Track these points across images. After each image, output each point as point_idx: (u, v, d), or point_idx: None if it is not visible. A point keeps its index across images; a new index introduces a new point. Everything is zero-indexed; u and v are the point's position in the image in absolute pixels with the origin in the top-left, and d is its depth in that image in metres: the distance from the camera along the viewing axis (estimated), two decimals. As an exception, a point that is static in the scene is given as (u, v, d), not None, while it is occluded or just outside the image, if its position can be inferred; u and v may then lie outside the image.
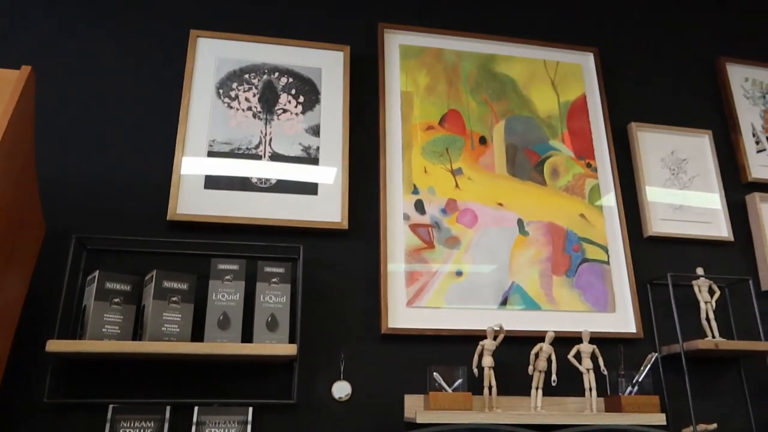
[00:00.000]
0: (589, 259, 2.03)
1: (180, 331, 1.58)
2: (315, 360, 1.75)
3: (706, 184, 2.27)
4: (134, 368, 1.65)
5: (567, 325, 1.92)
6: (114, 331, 1.56)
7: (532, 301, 1.93)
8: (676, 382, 1.94)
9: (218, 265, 1.67)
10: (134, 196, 1.81)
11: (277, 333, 1.63)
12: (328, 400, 1.72)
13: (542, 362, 1.78)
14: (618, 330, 1.96)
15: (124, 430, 1.56)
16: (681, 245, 2.16)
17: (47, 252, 1.70)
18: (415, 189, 1.98)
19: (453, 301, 1.88)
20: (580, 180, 2.13)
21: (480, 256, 1.94)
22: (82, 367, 1.63)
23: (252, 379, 1.70)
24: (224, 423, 1.61)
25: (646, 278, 2.06)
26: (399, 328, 1.80)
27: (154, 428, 1.57)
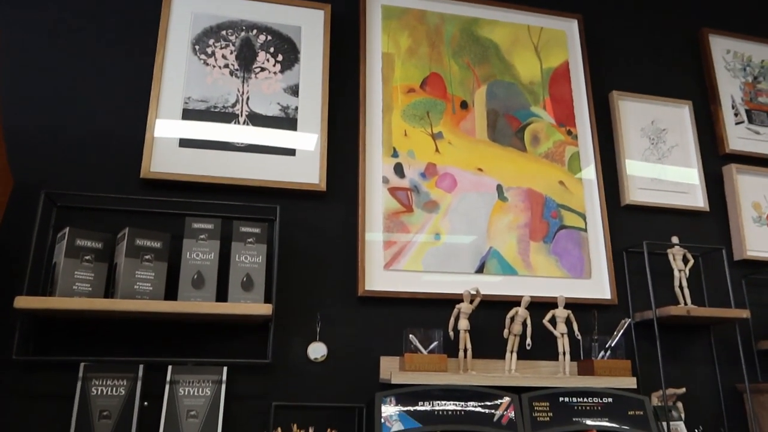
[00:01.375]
0: (567, 226, 2.03)
1: (153, 290, 1.56)
2: (291, 321, 1.74)
3: (684, 155, 2.28)
4: (106, 327, 1.63)
5: (543, 290, 1.93)
6: (85, 289, 1.53)
7: (509, 267, 1.93)
8: (648, 348, 1.97)
9: (193, 224, 1.64)
10: (106, 154, 1.77)
11: (252, 293, 1.61)
12: (303, 361, 1.72)
13: (517, 326, 1.79)
14: (593, 296, 1.97)
15: (96, 388, 1.54)
16: (657, 214, 2.17)
17: (16, 208, 1.66)
18: (395, 152, 1.96)
19: (430, 265, 1.87)
20: (561, 147, 2.12)
21: (458, 221, 1.94)
22: (53, 326, 1.60)
23: (227, 339, 1.69)
24: (199, 382, 1.60)
25: (622, 246, 2.08)
26: (376, 290, 1.80)
27: (127, 387, 1.56)
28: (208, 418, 1.57)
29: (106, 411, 1.53)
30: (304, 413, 1.66)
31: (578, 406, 1.67)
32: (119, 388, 1.55)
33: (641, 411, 1.71)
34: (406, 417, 1.54)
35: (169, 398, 1.57)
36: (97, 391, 1.54)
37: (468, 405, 1.59)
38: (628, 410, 1.70)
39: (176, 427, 1.54)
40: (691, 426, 1.89)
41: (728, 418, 1.98)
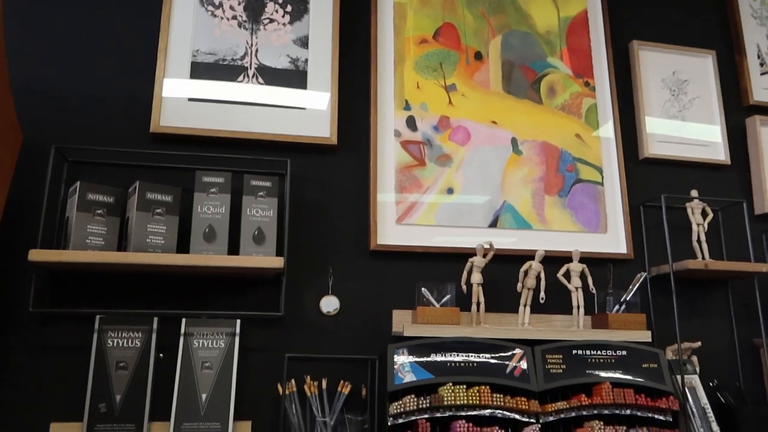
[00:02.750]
0: (583, 180, 1.99)
1: (165, 243, 1.56)
2: (303, 275, 1.74)
3: (706, 107, 2.21)
4: (120, 281, 1.64)
5: (557, 244, 1.91)
6: (98, 243, 1.54)
7: (523, 221, 1.91)
8: (663, 303, 1.95)
9: (203, 177, 1.63)
10: (115, 109, 1.75)
11: (263, 246, 1.61)
12: (316, 315, 1.72)
13: (531, 280, 1.77)
14: (608, 250, 1.95)
15: (112, 340, 1.56)
16: (677, 168, 2.12)
17: (27, 163, 1.65)
18: (407, 105, 1.92)
19: (443, 219, 1.85)
20: (578, 99, 2.07)
21: (472, 175, 1.91)
22: (68, 280, 1.61)
23: (239, 292, 1.69)
24: (212, 335, 1.61)
25: (639, 200, 2.04)
26: (388, 244, 1.79)
27: (142, 339, 1.58)
28: (223, 370, 1.59)
29: (123, 362, 1.55)
30: (317, 365, 1.67)
31: (592, 358, 1.66)
32: (135, 340, 1.57)
33: (655, 364, 1.69)
34: (419, 368, 1.55)
35: (184, 350, 1.59)
36: (113, 342, 1.56)
37: (480, 357, 1.59)
38: (642, 363, 1.69)
39: (191, 377, 1.56)
40: (706, 380, 1.88)
41: (743, 373, 1.96)
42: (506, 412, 1.54)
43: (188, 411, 1.54)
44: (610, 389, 1.60)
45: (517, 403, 1.53)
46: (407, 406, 1.49)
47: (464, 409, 1.52)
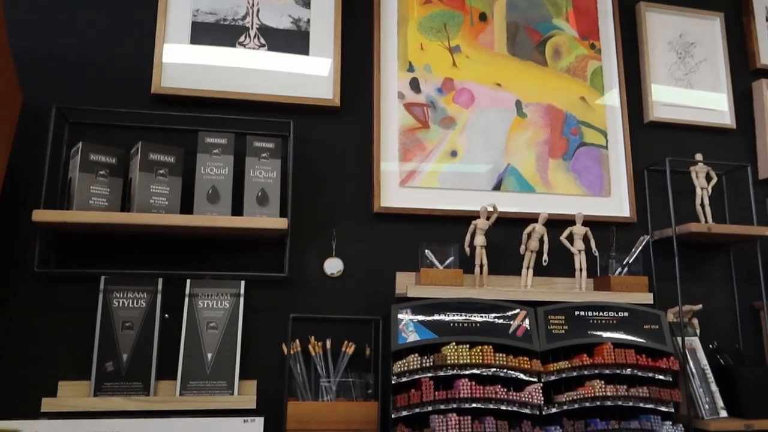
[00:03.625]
0: (587, 144, 1.98)
1: (168, 204, 1.56)
2: (306, 237, 1.74)
3: (712, 70, 2.19)
4: (125, 242, 1.64)
5: (561, 208, 1.90)
6: (101, 204, 1.54)
7: (526, 184, 1.90)
8: (665, 266, 1.95)
9: (206, 138, 1.62)
10: (115, 70, 1.73)
11: (267, 208, 1.61)
12: (319, 276, 1.73)
13: (534, 242, 1.78)
14: (612, 214, 1.95)
15: (118, 300, 1.57)
16: (682, 132, 2.11)
17: (28, 125, 1.64)
18: (411, 66, 1.90)
19: (447, 182, 1.85)
20: (583, 61, 2.04)
21: (476, 138, 1.89)
22: (72, 241, 1.62)
23: (243, 254, 1.70)
24: (217, 295, 1.62)
25: (643, 164, 2.03)
26: (391, 207, 1.79)
27: (148, 299, 1.59)
28: (228, 330, 1.60)
29: (129, 322, 1.56)
30: (321, 326, 1.69)
31: (594, 319, 1.68)
32: (140, 301, 1.58)
33: (657, 325, 1.71)
34: (422, 328, 1.56)
35: (189, 310, 1.60)
36: (119, 303, 1.57)
37: (483, 317, 1.60)
38: (644, 324, 1.70)
39: (197, 337, 1.58)
40: (706, 342, 1.90)
41: (743, 336, 1.98)
42: (509, 371, 1.56)
43: (194, 370, 1.55)
44: (612, 349, 1.61)
45: (519, 363, 1.55)
46: (411, 364, 1.50)
47: (467, 368, 1.54)
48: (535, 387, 1.55)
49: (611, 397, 1.59)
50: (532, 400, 1.53)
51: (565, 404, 1.58)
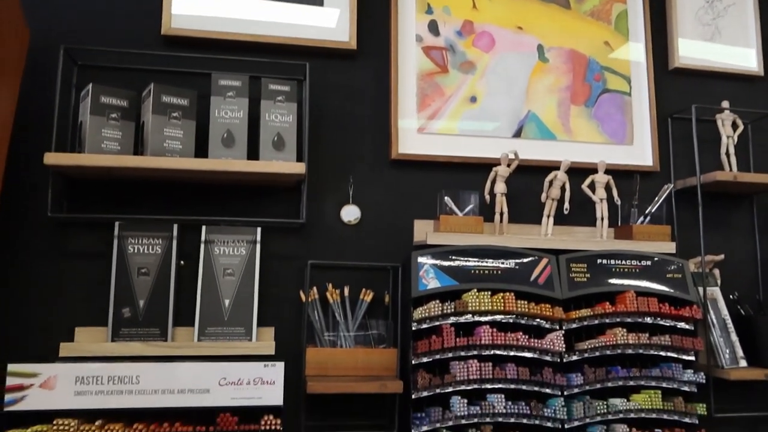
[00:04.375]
0: (610, 90, 1.92)
1: (183, 148, 1.52)
2: (323, 184, 1.70)
3: (741, 15, 2.10)
4: (138, 188, 1.61)
5: (582, 156, 1.85)
6: (113, 147, 1.50)
7: (547, 131, 1.85)
8: (688, 216, 1.91)
9: (219, 80, 1.56)
10: (124, 9, 1.67)
11: (284, 152, 1.57)
12: (337, 224, 1.70)
13: (555, 190, 1.74)
14: (634, 162, 1.90)
15: (133, 246, 1.55)
16: (707, 79, 2.04)
17: (36, 68, 1.59)
18: (429, 8, 1.82)
19: (466, 128, 1.79)
20: (607, 5, 1.96)
21: (496, 83, 1.83)
22: (84, 187, 1.58)
23: (259, 201, 1.66)
24: (233, 242, 1.59)
25: (667, 112, 1.97)
26: (409, 154, 1.74)
27: (163, 246, 1.56)
28: (245, 277, 1.58)
29: (144, 268, 1.54)
30: (338, 274, 1.66)
31: (616, 268, 1.65)
32: (155, 247, 1.56)
33: (680, 274, 1.68)
34: (443, 274, 1.53)
35: (205, 257, 1.57)
36: (134, 249, 1.54)
37: (505, 264, 1.58)
38: (667, 273, 1.67)
39: (214, 284, 1.56)
40: (727, 292, 1.87)
41: (764, 286, 1.95)
42: (530, 319, 1.54)
43: (212, 316, 1.54)
44: (634, 297, 1.59)
45: (541, 310, 1.52)
46: (432, 311, 1.48)
47: (488, 314, 1.52)
48: (557, 334, 1.53)
49: (633, 345, 1.58)
50: (553, 347, 1.51)
51: (586, 352, 1.56)
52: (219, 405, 1.34)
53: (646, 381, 1.59)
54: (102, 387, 1.31)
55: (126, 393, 1.31)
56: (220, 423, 1.33)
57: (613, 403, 1.55)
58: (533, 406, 1.49)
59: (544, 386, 1.52)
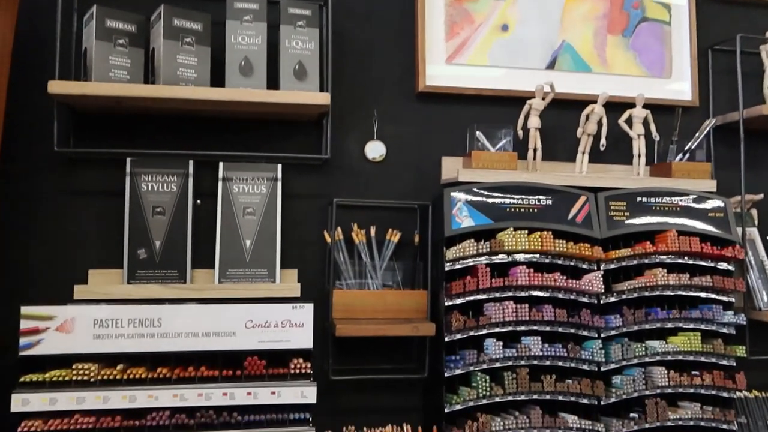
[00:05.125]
0: (649, 19, 1.79)
1: (197, 77, 1.40)
2: (346, 118, 1.59)
3: (787, -62, 1.95)
4: (150, 122, 1.50)
5: (618, 89, 1.74)
6: (122, 76, 1.38)
7: (582, 63, 1.73)
8: (726, 154, 1.82)
9: (235, 3, 1.43)
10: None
11: (305, 82, 1.45)
12: (360, 161, 1.60)
13: (592, 125, 1.63)
14: (672, 97, 1.79)
15: (147, 184, 1.45)
16: (751, 8, 1.91)
17: (32, -10, 1.45)
18: (458, -74, 1.68)
19: (497, 58, 1.68)
20: (648, -76, 1.81)
21: (529, 10, 1.70)
22: (92, 121, 1.47)
23: (278, 136, 1.56)
24: (252, 180, 1.50)
25: (708, 43, 1.85)
26: (437, 86, 1.63)
27: (178, 183, 1.47)
28: (266, 216, 1.49)
29: (159, 207, 1.45)
30: (363, 214, 1.58)
31: (656, 206, 1.56)
32: (170, 185, 1.46)
33: (721, 213, 1.60)
34: (477, 212, 1.45)
35: (224, 195, 1.48)
36: (148, 187, 1.45)
37: (542, 202, 1.49)
38: (708, 212, 1.59)
39: (234, 223, 1.47)
40: (765, 233, 1.80)
41: (801, 227, 1.88)
42: (567, 259, 1.46)
43: (233, 257, 1.46)
44: (676, 237, 1.51)
45: (579, 250, 1.45)
46: (466, 250, 1.41)
47: (524, 254, 1.44)
48: (595, 275, 1.46)
49: (673, 286, 1.51)
50: (591, 288, 1.44)
51: (625, 293, 1.49)
52: (246, 348, 1.27)
53: (685, 323, 1.53)
54: (122, 330, 1.24)
55: (148, 336, 1.25)
56: (247, 367, 1.27)
57: (652, 345, 1.49)
58: (570, 348, 1.43)
59: (581, 328, 1.46)
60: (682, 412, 1.50)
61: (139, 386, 1.22)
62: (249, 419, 1.25)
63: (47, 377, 1.20)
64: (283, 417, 1.27)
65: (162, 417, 1.22)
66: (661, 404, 1.48)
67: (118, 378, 1.23)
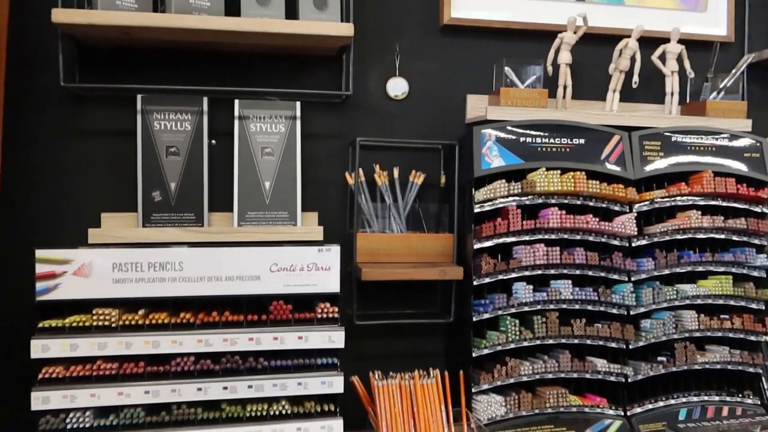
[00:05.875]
0: (686, -54, 1.68)
1: (211, 5, 1.31)
2: (366, 54, 1.50)
3: None
4: (160, 56, 1.41)
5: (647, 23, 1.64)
6: (130, 5, 1.28)
7: (615, -6, 1.63)
8: (760, 92, 1.75)
9: (248, -76, 1.32)
10: None
11: (326, 12, 1.36)
12: (382, 99, 1.52)
13: (625, 61, 1.55)
14: (706, 32, 1.70)
15: (159, 123, 1.37)
16: (791, -65, 1.80)
17: None
18: None
19: (525, -11, 1.58)
20: None
21: (560, -64, 1.59)
22: (99, 56, 1.38)
23: (297, 72, 1.48)
24: (270, 118, 1.42)
25: (745, -27, 1.75)
26: (462, 18, 1.53)
27: (192, 122, 1.39)
28: (285, 156, 1.42)
29: (174, 147, 1.38)
30: (385, 154, 1.51)
31: (691, 146, 1.50)
32: (184, 123, 1.39)
33: (757, 153, 1.54)
34: (508, 152, 1.38)
35: (240, 135, 1.41)
36: (161, 125, 1.37)
37: (574, 141, 1.42)
38: (744, 152, 1.53)
39: (252, 164, 1.40)
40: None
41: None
42: (598, 201, 1.41)
43: (252, 200, 1.40)
44: (712, 178, 1.45)
45: (613, 191, 1.39)
46: (497, 191, 1.35)
47: (556, 196, 1.39)
48: (628, 217, 1.41)
49: (706, 228, 1.46)
50: (624, 230, 1.40)
51: (657, 235, 1.45)
52: (271, 293, 1.23)
53: (716, 266, 1.49)
54: (142, 274, 1.19)
55: (169, 281, 1.19)
56: (273, 311, 1.22)
57: (683, 288, 1.46)
58: (601, 292, 1.39)
59: (611, 272, 1.42)
60: (710, 356, 1.48)
61: (161, 332, 1.18)
62: (276, 364, 1.22)
63: (66, 323, 1.16)
64: (311, 362, 1.23)
65: (187, 362, 1.19)
66: (690, 348, 1.46)
67: (140, 323, 1.18)
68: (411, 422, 1.23)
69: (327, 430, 1.22)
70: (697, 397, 1.49)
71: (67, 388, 1.14)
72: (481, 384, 1.35)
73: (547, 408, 1.38)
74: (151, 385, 1.17)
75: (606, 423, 1.40)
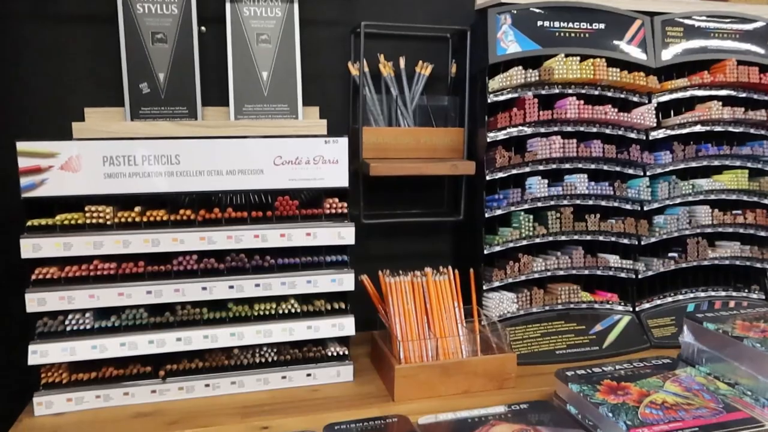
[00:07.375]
0: None
1: None
2: (368, -72, 1.36)
3: None
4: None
5: None
6: None
7: None
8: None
9: None
10: None
11: None
12: (386, -19, 1.40)
13: (648, -62, 1.43)
14: None
15: (142, 5, 1.25)
16: None
17: None
18: None
19: None
20: None
21: None
22: (68, -76, 1.23)
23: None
24: (265, 1, 1.30)
25: None
26: None
27: (179, 4, 1.26)
28: (283, 44, 1.31)
29: (160, 33, 1.25)
30: (388, 44, 1.40)
31: (715, 33, 1.41)
32: (170, 6, 1.26)
33: (782, 41, 1.46)
34: (524, 38, 1.28)
35: (233, 19, 1.28)
36: (144, 8, 1.24)
37: (593, 26, 1.33)
38: (767, 39, 1.45)
39: (247, 52, 1.29)
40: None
41: None
42: (617, 91, 1.33)
43: (249, 92, 1.29)
44: (735, 66, 1.38)
45: (634, 79, 1.31)
46: (514, 79, 1.26)
47: (573, 86, 1.31)
48: (647, 108, 1.34)
49: (726, 120, 1.40)
50: (643, 122, 1.33)
51: (675, 127, 1.39)
52: (276, 187, 1.15)
53: (732, 160, 1.44)
54: (136, 168, 1.10)
55: (166, 175, 1.11)
56: (278, 207, 1.15)
57: (698, 183, 1.42)
58: (617, 186, 1.34)
59: (627, 166, 1.37)
60: (721, 251, 1.46)
61: (161, 229, 1.11)
62: (283, 262, 1.16)
63: (57, 221, 1.08)
64: (319, 259, 1.18)
65: (189, 261, 1.13)
66: (702, 243, 1.43)
67: (137, 221, 1.11)
68: (424, 319, 1.19)
69: (338, 327, 1.18)
70: (704, 293, 1.48)
71: (64, 290, 1.08)
72: (492, 281, 1.32)
73: (558, 305, 1.36)
74: (152, 285, 1.11)
75: (615, 318, 1.39)
